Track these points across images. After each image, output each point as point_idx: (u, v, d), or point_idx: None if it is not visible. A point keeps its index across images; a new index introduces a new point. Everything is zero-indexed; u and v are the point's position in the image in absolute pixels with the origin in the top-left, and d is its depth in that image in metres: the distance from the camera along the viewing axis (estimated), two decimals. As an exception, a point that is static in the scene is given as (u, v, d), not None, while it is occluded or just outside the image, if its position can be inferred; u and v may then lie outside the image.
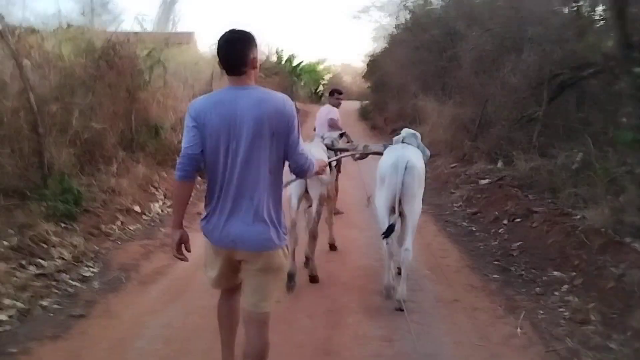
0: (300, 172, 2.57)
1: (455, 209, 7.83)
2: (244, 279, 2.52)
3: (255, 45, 2.36)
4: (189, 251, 2.53)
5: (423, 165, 4.21)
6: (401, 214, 4.07)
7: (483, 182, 8.13)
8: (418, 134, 4.79)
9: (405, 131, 4.78)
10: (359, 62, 34.89)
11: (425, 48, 16.42)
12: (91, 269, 4.98)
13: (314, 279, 4.70)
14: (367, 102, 29.30)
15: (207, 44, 18.56)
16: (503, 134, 9.12)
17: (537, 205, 6.50)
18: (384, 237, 4.08)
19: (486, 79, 10.68)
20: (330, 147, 5.13)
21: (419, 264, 5.30)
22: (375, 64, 25.66)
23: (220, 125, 2.27)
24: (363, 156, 5.03)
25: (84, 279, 4.76)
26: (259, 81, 2.52)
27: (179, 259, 2.50)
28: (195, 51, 13.21)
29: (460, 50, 13.05)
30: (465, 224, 7.05)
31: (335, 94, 7.16)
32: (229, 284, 2.66)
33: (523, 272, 5.16)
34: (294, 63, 30.48)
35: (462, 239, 6.43)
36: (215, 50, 2.37)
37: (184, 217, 2.53)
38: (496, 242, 6.09)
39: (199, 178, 3.01)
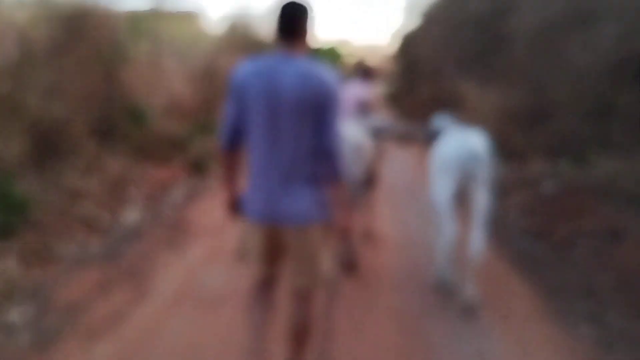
0: (326, 158, 2.35)
1: (511, 221, 6.39)
2: (288, 258, 2.50)
3: (312, 19, 2.39)
4: (239, 213, 2.53)
5: (489, 152, 3.83)
6: (469, 204, 3.82)
7: (546, 186, 6.66)
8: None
9: (439, 117, 4.52)
10: (386, 43, 33.24)
11: (467, 25, 14.87)
12: (24, 311, 3.70)
13: (350, 265, 4.42)
14: (395, 86, 27.79)
15: (213, 23, 16.91)
16: (567, 127, 7.61)
17: (626, 221, 5.05)
18: None
19: (544, 59, 9.16)
20: (372, 130, 4.60)
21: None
22: (406, 44, 24.07)
23: (262, 95, 2.27)
24: (405, 139, 5.05)
25: (9, 329, 3.50)
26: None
27: (232, 217, 2.59)
28: (197, 27, 11.83)
29: (511, 26, 11.53)
30: (527, 244, 5.62)
31: (362, 72, 5.59)
32: (270, 268, 2.60)
33: (624, 324, 3.75)
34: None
35: (526, 266, 5.00)
36: (277, 16, 2.37)
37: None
38: (575, 274, 4.66)
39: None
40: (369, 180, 4.69)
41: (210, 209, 6.26)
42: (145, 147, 6.99)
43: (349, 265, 4.38)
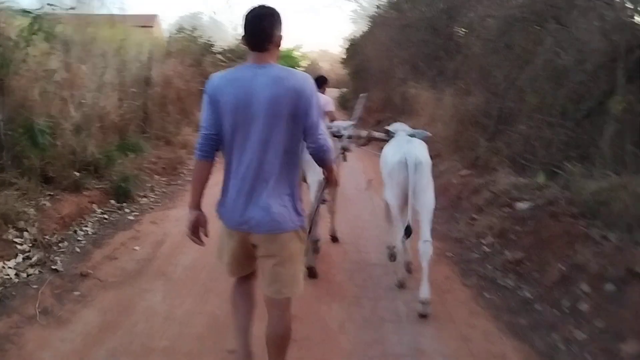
0: (320, 154, 2.35)
1: (485, 248, 5.17)
2: (259, 266, 2.41)
3: (281, 23, 2.27)
4: (206, 236, 2.45)
5: (429, 159, 4.02)
6: (414, 209, 3.88)
7: (522, 205, 5.47)
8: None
9: (396, 126, 4.59)
10: (337, 48, 32.14)
11: (413, 27, 13.73)
12: None
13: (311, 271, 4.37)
14: (346, 89, 26.62)
15: (167, 27, 15.33)
16: (539, 134, 6.47)
17: (628, 253, 3.87)
18: (405, 238, 3.93)
19: (505, 58, 8.05)
20: (336, 135, 4.53)
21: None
22: (355, 48, 22.91)
23: (236, 103, 2.18)
24: (366, 142, 4.76)
25: None
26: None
27: (194, 241, 2.44)
28: (147, 34, 10.28)
29: (465, 25, 10.43)
30: (510, 282, 4.40)
31: (320, 81, 5.51)
32: (244, 271, 2.54)
33: None
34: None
35: (516, 320, 3.77)
36: (243, 25, 2.24)
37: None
38: (583, 332, 3.45)
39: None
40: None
41: (125, 253, 4.82)
42: (47, 173, 5.45)
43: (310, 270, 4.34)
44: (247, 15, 2.23)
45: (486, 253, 5.07)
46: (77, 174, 5.79)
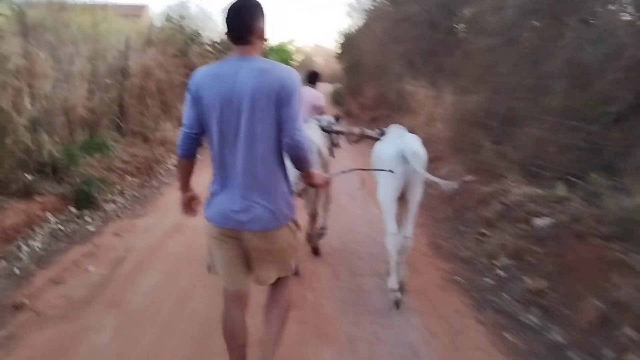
0: (295, 151, 2.16)
1: (500, 272, 4.38)
2: (253, 262, 2.32)
3: (263, 15, 2.18)
4: (195, 210, 2.46)
5: (424, 153, 3.86)
6: (404, 201, 3.86)
7: (540, 222, 4.70)
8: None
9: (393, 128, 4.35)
10: (332, 43, 31.32)
11: (410, 21, 12.91)
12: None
13: (315, 250, 4.68)
14: (339, 85, 25.79)
15: (156, 17, 14.36)
16: (555, 138, 5.69)
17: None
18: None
19: (512, 54, 7.26)
20: (325, 130, 4.52)
21: None
22: (349, 42, 22.03)
23: (219, 98, 2.09)
24: (359, 140, 4.55)
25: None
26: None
27: (189, 214, 2.47)
28: (105, 19, 9.35)
29: (466, 19, 9.63)
30: (534, 319, 3.62)
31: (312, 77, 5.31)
32: (241, 278, 2.36)
33: None
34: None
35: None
36: (224, 19, 2.15)
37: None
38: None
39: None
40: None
41: (75, 276, 4.00)
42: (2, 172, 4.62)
43: (314, 250, 4.66)
44: (228, 8, 2.15)
45: (501, 278, 4.28)
46: (29, 176, 4.94)
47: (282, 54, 31.29)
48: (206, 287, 3.86)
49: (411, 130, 4.35)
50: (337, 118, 5.02)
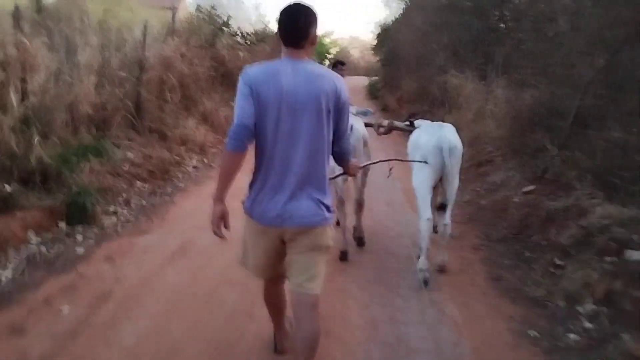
0: (344, 157, 2.40)
1: (586, 324, 3.28)
2: (290, 259, 2.29)
3: (317, 22, 2.20)
4: (227, 229, 2.19)
5: (461, 145, 4.00)
6: (442, 190, 4.01)
7: (637, 256, 3.61)
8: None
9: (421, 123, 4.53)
10: (368, 35, 30.14)
11: (454, 8, 11.71)
12: None
13: (360, 241, 4.64)
14: (376, 77, 24.62)
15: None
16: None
17: None
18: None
19: (580, 43, 6.08)
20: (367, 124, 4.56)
21: None
22: (386, 33, 20.85)
23: (274, 97, 2.09)
24: (387, 131, 4.54)
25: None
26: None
27: (218, 236, 2.20)
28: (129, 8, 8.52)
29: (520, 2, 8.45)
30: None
31: (338, 65, 5.16)
32: (274, 271, 2.42)
33: None
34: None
35: None
36: (279, 20, 2.18)
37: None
38: None
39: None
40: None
41: (43, 319, 3.12)
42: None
43: (359, 240, 4.61)
44: (283, 12, 2.17)
45: (590, 334, 3.21)
46: (8, 186, 4.11)
47: (318, 47, 30.39)
48: (205, 342, 2.94)
49: (459, 129, 4.39)
50: (365, 113, 4.98)
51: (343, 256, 4.29)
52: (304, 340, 2.28)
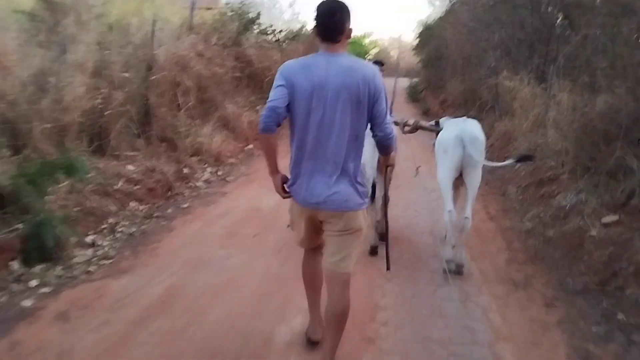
0: (385, 142, 2.42)
1: None
2: (325, 239, 2.49)
3: (350, 16, 2.30)
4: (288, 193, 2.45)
5: (484, 137, 3.99)
6: (463, 184, 4.02)
7: None
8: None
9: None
10: (409, 35, 28.87)
11: (506, 3, 10.41)
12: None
13: (381, 237, 3.99)
14: (416, 79, 23.31)
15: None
16: None
17: None
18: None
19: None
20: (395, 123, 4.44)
21: None
22: (429, 32, 19.52)
23: (309, 88, 2.22)
24: (413, 130, 4.50)
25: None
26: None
27: (285, 197, 2.48)
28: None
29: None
30: None
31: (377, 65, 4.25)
32: (313, 243, 2.64)
33: None
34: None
35: None
36: (315, 16, 2.29)
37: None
38: None
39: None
40: None
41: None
42: None
43: (380, 236, 4.21)
44: (319, 8, 2.27)
45: None
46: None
47: (357, 48, 29.39)
48: None
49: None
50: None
51: (373, 251, 4.32)
52: (334, 315, 2.43)
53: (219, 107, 8.05)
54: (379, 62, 5.41)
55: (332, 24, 2.25)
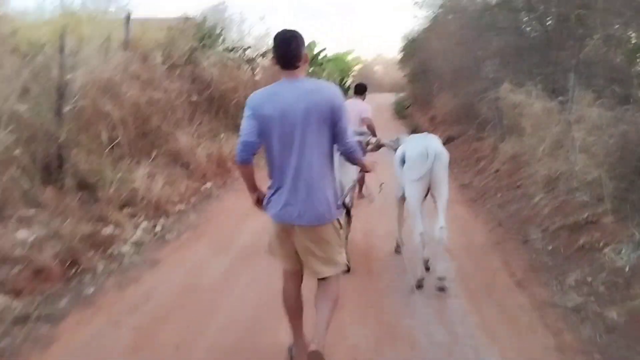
0: (349, 154, 2.56)
1: None
2: (305, 254, 2.52)
3: (304, 43, 2.44)
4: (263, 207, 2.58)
5: (447, 152, 3.95)
6: (432, 198, 3.97)
7: None
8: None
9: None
10: (393, 51, 27.60)
11: (504, 6, 8.95)
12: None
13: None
14: (402, 94, 21.90)
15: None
16: None
17: None
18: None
19: None
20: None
21: None
22: (414, 45, 18.09)
23: (277, 115, 2.33)
24: (375, 149, 4.38)
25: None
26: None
27: (260, 208, 2.62)
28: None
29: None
30: None
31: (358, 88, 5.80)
32: (293, 262, 2.61)
33: None
34: (315, 50, 23.16)
35: None
36: (273, 48, 2.44)
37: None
38: None
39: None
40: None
41: None
42: None
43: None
44: (276, 39, 2.42)
45: None
46: None
47: (339, 64, 28.07)
48: None
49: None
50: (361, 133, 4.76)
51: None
52: (319, 297, 2.58)
53: (167, 139, 6.44)
54: (361, 86, 5.99)
55: (289, 52, 2.37)
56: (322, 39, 42.40)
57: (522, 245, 4.84)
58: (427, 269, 4.04)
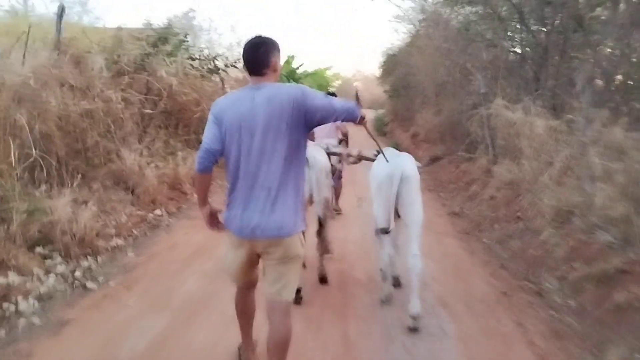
0: (349, 117, 2.34)
1: None
2: (265, 268, 2.36)
3: (278, 50, 2.31)
4: (220, 228, 2.39)
5: (418, 173, 3.63)
6: (402, 222, 3.66)
7: None
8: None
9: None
10: (373, 68, 26.86)
11: (486, 18, 8.09)
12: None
13: (323, 279, 4.12)
14: (382, 110, 21.07)
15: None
16: None
17: None
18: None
19: None
20: (326, 152, 4.34)
21: None
22: (394, 60, 17.27)
23: (237, 121, 2.21)
24: (356, 161, 4.17)
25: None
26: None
27: (215, 230, 2.42)
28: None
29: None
30: None
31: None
32: (247, 278, 2.51)
33: None
34: (293, 65, 22.26)
35: None
36: (242, 53, 2.30)
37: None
38: None
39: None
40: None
41: None
42: None
43: (322, 278, 4.12)
44: (245, 44, 2.29)
45: None
46: None
47: (318, 79, 27.27)
48: None
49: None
50: (340, 141, 4.94)
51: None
52: (276, 343, 2.32)
53: (110, 158, 5.31)
54: (332, 95, 5.24)
55: (257, 57, 2.25)
56: (300, 54, 41.67)
57: (535, 298, 3.82)
58: (397, 285, 3.93)
